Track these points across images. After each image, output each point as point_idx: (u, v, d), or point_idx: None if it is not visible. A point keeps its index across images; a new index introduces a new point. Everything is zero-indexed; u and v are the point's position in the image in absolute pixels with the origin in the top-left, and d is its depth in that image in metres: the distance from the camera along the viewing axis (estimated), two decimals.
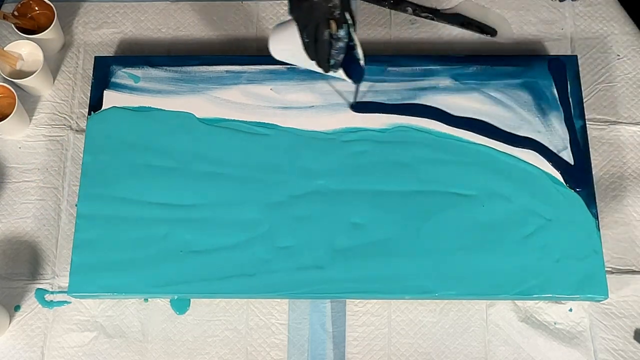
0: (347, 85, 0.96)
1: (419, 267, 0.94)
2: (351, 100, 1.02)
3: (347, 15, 0.86)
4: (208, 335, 0.98)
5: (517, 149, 1.00)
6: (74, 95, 1.10)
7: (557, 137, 1.00)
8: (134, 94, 1.04)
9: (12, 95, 1.04)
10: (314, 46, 0.87)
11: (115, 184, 0.99)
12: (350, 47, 0.90)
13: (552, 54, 1.10)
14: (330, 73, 0.92)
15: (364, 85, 1.03)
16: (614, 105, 1.08)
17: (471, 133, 1.01)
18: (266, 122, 1.02)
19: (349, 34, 0.88)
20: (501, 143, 1.00)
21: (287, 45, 0.91)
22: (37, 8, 1.09)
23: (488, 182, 0.98)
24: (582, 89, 1.04)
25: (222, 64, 1.06)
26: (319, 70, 0.91)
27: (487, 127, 1.01)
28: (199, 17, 1.15)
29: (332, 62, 0.89)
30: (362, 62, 0.92)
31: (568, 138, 1.00)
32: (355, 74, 0.93)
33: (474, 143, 1.00)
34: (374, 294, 0.95)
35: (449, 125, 1.01)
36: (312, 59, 0.90)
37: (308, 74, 1.03)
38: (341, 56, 0.89)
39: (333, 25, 0.86)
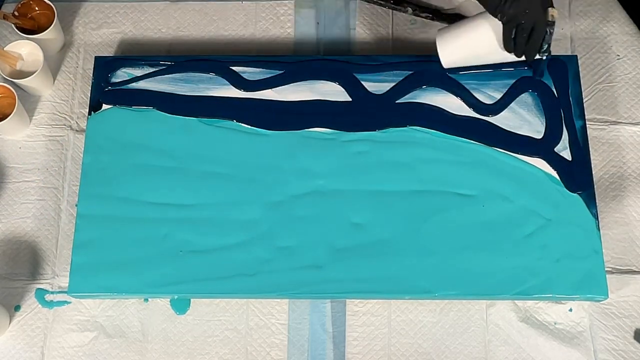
0: None
1: (419, 267, 0.94)
2: None
3: None
4: (208, 335, 0.98)
5: (517, 149, 1.00)
6: (74, 95, 1.10)
7: (557, 137, 1.00)
8: (134, 94, 1.04)
9: (12, 95, 1.04)
10: (526, 39, 0.90)
11: (115, 184, 0.99)
12: None
13: (552, 54, 1.10)
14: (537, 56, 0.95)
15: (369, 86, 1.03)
16: (614, 105, 1.08)
17: (471, 133, 1.01)
18: (266, 122, 1.02)
19: None
20: (501, 143, 1.00)
21: (467, 49, 0.97)
22: (37, 8, 1.09)
23: (488, 182, 0.98)
24: (582, 89, 1.04)
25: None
26: (513, 58, 0.94)
27: (487, 126, 1.01)
28: (199, 17, 1.15)
29: (545, 46, 0.92)
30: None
31: (568, 138, 1.00)
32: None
33: (474, 143, 1.00)
34: (374, 294, 0.95)
35: (449, 125, 1.01)
36: (513, 51, 0.92)
37: (308, 75, 1.04)
38: (552, 38, 0.91)
39: (555, 12, 0.88)
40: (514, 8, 0.88)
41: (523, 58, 0.95)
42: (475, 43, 0.96)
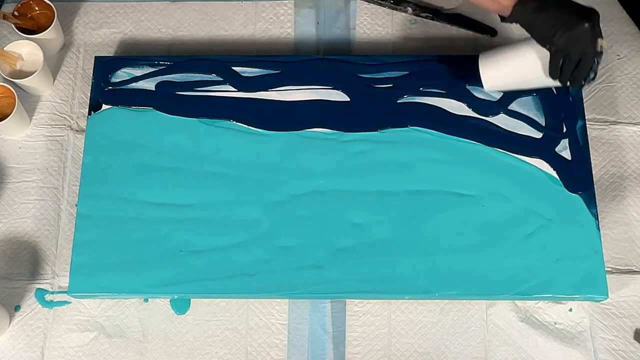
0: None
1: (419, 267, 0.94)
2: None
3: None
4: (208, 335, 0.98)
5: (517, 149, 1.00)
6: (74, 95, 1.10)
7: (557, 137, 1.00)
8: (134, 94, 1.04)
9: (12, 95, 1.04)
10: (573, 68, 0.88)
11: (115, 184, 0.99)
12: None
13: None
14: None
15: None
16: (614, 105, 1.08)
17: (471, 133, 1.01)
18: (266, 122, 1.02)
19: None
20: (501, 143, 1.00)
21: (511, 76, 0.94)
22: (37, 8, 1.09)
23: (488, 182, 0.98)
24: (582, 89, 1.04)
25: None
26: (556, 84, 0.92)
27: (487, 126, 1.01)
28: (199, 17, 1.15)
29: (592, 75, 0.89)
30: None
31: (568, 138, 1.00)
32: None
33: (474, 143, 1.00)
34: (374, 294, 0.95)
35: (449, 125, 1.01)
36: (559, 79, 0.90)
37: (308, 75, 1.04)
38: (599, 67, 0.89)
39: (604, 43, 0.87)
40: (564, 39, 0.86)
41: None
42: (520, 70, 0.93)
